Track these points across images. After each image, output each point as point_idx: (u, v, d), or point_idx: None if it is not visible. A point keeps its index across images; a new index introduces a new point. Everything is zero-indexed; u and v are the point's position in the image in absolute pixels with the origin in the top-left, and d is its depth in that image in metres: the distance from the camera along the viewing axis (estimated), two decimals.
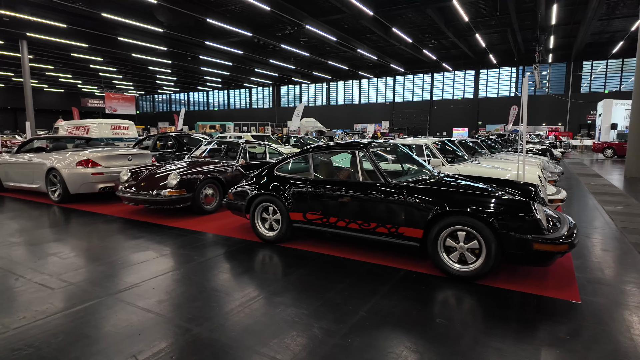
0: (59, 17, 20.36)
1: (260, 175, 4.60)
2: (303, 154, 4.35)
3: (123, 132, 13.12)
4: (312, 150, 4.31)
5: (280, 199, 4.18)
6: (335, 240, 4.43)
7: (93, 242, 4.48)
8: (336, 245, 4.28)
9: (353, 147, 4.06)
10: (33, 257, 3.91)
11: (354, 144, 4.09)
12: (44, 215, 5.89)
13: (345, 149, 4.17)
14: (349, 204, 3.77)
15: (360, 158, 3.95)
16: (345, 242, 4.38)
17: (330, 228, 3.93)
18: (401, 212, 3.47)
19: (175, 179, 5.43)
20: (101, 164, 6.68)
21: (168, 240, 4.54)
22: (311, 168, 4.19)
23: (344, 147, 4.19)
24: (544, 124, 35.32)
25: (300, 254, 4.00)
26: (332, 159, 4.58)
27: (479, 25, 24.43)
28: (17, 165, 7.47)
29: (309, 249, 4.14)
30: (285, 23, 21.84)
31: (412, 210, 3.41)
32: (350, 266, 3.63)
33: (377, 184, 3.67)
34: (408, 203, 3.43)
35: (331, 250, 4.11)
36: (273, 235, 4.33)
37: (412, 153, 5.11)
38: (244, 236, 4.71)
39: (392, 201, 3.51)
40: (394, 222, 3.52)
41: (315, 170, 4.22)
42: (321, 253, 4.01)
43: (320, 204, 3.94)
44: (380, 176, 3.68)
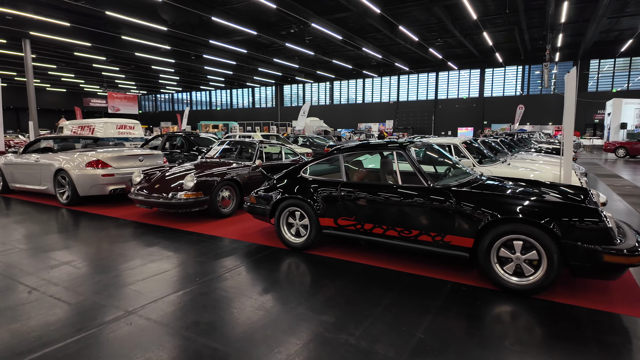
0: (62, 15, 20.12)
1: (285, 177, 4.30)
2: (333, 154, 4.05)
3: (129, 131, 12.85)
4: (343, 150, 4.01)
5: (309, 203, 3.89)
6: (367, 248, 4.14)
7: (107, 249, 4.20)
8: (369, 253, 3.99)
9: (390, 148, 3.76)
10: (45, 266, 3.63)
11: (390, 144, 3.78)
12: (53, 219, 5.62)
13: (380, 150, 3.86)
14: (388, 209, 3.47)
15: (398, 159, 3.64)
16: (379, 250, 4.09)
17: (365, 235, 3.64)
18: (448, 219, 3.17)
19: (192, 181, 5.14)
20: (111, 164, 6.39)
21: (186, 247, 4.26)
22: (342, 170, 3.89)
23: (378, 147, 3.88)
24: (550, 124, 35.01)
25: (332, 262, 3.71)
26: (362, 160, 4.28)
27: (487, 24, 24.14)
28: (24, 166, 7.19)
29: (341, 257, 3.85)
30: (291, 21, 21.58)
31: (461, 217, 3.12)
32: (389, 277, 3.34)
33: (419, 187, 3.38)
34: (456, 209, 3.14)
35: (364, 258, 3.82)
36: (300, 242, 4.04)
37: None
38: (267, 242, 4.42)
39: (438, 207, 3.22)
40: (439, 229, 3.22)
41: (346, 173, 3.92)
42: (355, 262, 3.72)
43: (354, 209, 3.65)
44: (423, 179, 3.39)
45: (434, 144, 4.24)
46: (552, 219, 2.78)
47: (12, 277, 3.35)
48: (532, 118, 35.43)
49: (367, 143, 3.95)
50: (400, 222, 3.41)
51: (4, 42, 24.87)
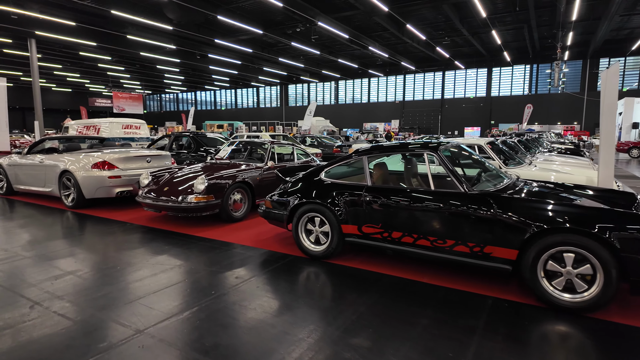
0: (67, 14, 20.02)
1: (302, 180, 4.02)
2: (356, 156, 3.77)
3: (135, 131, 12.64)
4: (367, 151, 3.72)
5: (330, 209, 3.61)
6: (393, 257, 3.86)
7: (114, 257, 3.95)
8: (395, 263, 3.71)
9: (420, 149, 3.46)
10: (49, 276, 3.39)
11: (421, 144, 3.49)
12: (57, 223, 5.39)
13: (409, 151, 3.57)
14: (419, 216, 3.18)
15: (429, 161, 3.35)
16: (405, 259, 3.81)
17: (393, 244, 3.36)
18: (489, 228, 2.89)
19: (202, 184, 4.89)
20: (118, 166, 6.15)
21: (197, 254, 4.01)
22: (367, 173, 3.61)
23: (407, 148, 3.59)
24: (559, 123, 34.54)
25: (357, 274, 3.44)
26: (387, 162, 3.99)
27: (495, 22, 23.77)
28: (28, 167, 6.98)
29: (365, 267, 3.57)
30: (297, 20, 21.34)
31: (503, 226, 2.83)
32: (422, 291, 3.06)
33: (455, 193, 3.09)
34: (498, 217, 2.85)
35: (391, 269, 3.54)
36: (320, 250, 3.77)
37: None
38: (283, 249, 4.16)
39: (477, 215, 2.94)
40: (478, 240, 2.94)
41: (371, 176, 3.64)
42: (381, 273, 3.44)
43: (381, 215, 3.37)
44: (459, 183, 3.10)
45: (463, 145, 3.94)
46: (608, 229, 2.49)
47: (13, 290, 3.11)
48: (540, 118, 34.96)
49: (394, 144, 3.65)
50: (434, 231, 3.12)
51: (10, 41, 24.82)
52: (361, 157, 3.69)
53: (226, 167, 5.68)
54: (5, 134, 17.98)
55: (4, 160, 7.42)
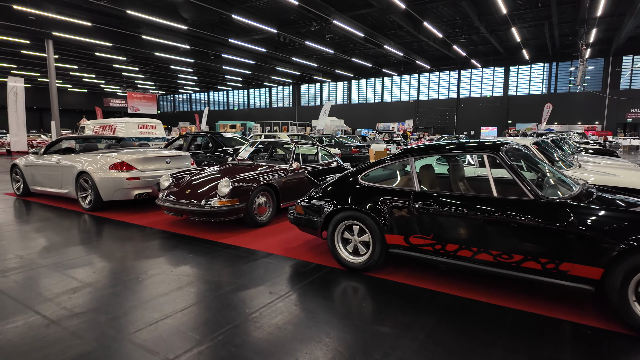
0: (83, 15, 20.13)
1: (339, 184, 3.65)
2: (400, 157, 3.38)
3: (150, 131, 12.48)
4: (416, 152, 3.32)
5: (372, 216, 3.25)
6: (440, 270, 3.49)
7: (134, 266, 3.67)
8: (445, 277, 3.33)
9: (478, 149, 3.06)
10: (66, 289, 3.12)
11: (479, 144, 3.10)
12: (74, 227, 5.15)
13: (466, 151, 3.18)
14: (479, 227, 2.80)
15: (490, 164, 2.95)
16: (456, 273, 3.43)
17: (447, 258, 2.98)
18: (566, 242, 2.49)
19: (227, 187, 4.58)
20: (137, 167, 5.90)
21: (224, 264, 3.70)
22: (414, 176, 3.23)
23: (464, 148, 3.18)
24: (580, 123, 33.54)
25: (404, 290, 3.07)
26: (434, 164, 3.60)
27: (515, 19, 23.11)
28: (45, 168, 6.79)
29: (412, 283, 3.19)
30: (312, 19, 21.05)
31: (585, 240, 2.43)
32: (485, 313, 2.68)
33: (524, 200, 2.70)
34: (578, 230, 2.46)
35: (442, 285, 3.16)
36: (360, 261, 3.40)
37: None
38: (316, 259, 3.81)
39: (551, 226, 2.54)
40: (552, 255, 2.54)
41: (419, 180, 3.26)
42: (432, 290, 3.06)
43: (433, 225, 2.99)
44: (528, 190, 2.71)
45: (527, 146, 3.52)
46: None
47: (28, 305, 2.83)
48: (559, 117, 34.01)
49: (444, 144, 3.26)
50: (497, 244, 2.73)
51: (28, 42, 25.13)
52: (408, 158, 3.31)
53: (249, 168, 5.38)
54: (23, 134, 18.14)
55: (21, 161, 7.27)
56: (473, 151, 3.09)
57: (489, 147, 2.97)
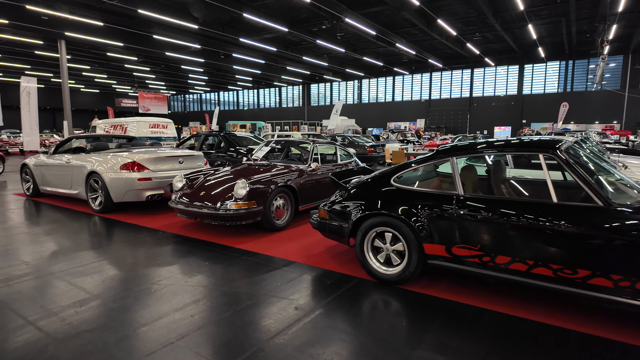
0: (95, 15, 20.18)
1: (368, 187, 3.32)
2: (439, 156, 3.03)
3: (162, 130, 12.32)
4: (458, 151, 2.95)
5: (408, 223, 2.91)
6: (485, 284, 3.14)
7: (147, 275, 3.40)
8: (488, 292, 2.99)
9: (533, 148, 2.68)
10: (73, 301, 2.86)
11: (533, 142, 2.71)
12: (84, 230, 4.93)
13: (517, 151, 2.81)
14: (538, 238, 2.44)
15: (546, 165, 2.57)
16: (501, 288, 3.09)
17: (498, 272, 2.62)
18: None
19: (244, 188, 4.30)
20: (149, 167, 5.66)
21: (243, 273, 3.41)
22: (457, 178, 2.87)
23: (512, 147, 2.80)
24: (597, 122, 32.65)
25: (446, 307, 2.73)
26: (475, 164, 3.25)
27: (531, 16, 22.52)
28: (54, 168, 6.61)
29: (453, 298, 2.85)
30: (323, 17, 20.77)
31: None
32: (546, 336, 2.33)
33: (591, 207, 2.35)
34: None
35: (489, 301, 2.80)
36: (393, 273, 3.07)
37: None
38: (342, 268, 3.50)
39: (628, 238, 2.19)
40: (629, 272, 2.20)
41: (463, 183, 2.92)
42: (477, 307, 2.71)
43: (481, 234, 2.64)
44: (596, 195, 2.35)
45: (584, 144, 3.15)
46: None
47: (30, 319, 2.58)
48: (576, 116, 33.17)
49: (492, 142, 2.88)
50: (559, 258, 2.38)
51: (41, 43, 25.35)
52: (448, 157, 2.96)
53: (266, 169, 5.09)
54: (36, 134, 18.19)
55: (30, 160, 7.10)
56: (525, 150, 2.74)
57: (545, 145, 2.59)
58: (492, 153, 2.83)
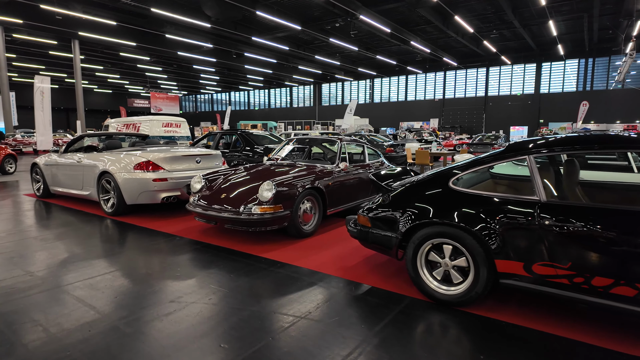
0: (109, 14, 20.13)
1: (419, 190, 2.83)
2: (511, 154, 2.53)
3: (175, 129, 12.02)
4: (534, 148, 2.43)
5: (475, 234, 2.44)
6: (573, 309, 2.64)
7: (165, 292, 3.00)
8: (582, 319, 2.49)
9: (628, 144, 2.21)
10: (80, 322, 2.46)
11: (625, 138, 2.23)
12: (95, 235, 4.57)
13: (618, 148, 2.26)
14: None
15: None
16: (599, 314, 2.59)
17: (595, 297, 2.12)
18: None
19: (270, 190, 3.88)
20: (164, 167, 5.28)
21: (275, 289, 2.97)
22: (537, 182, 2.37)
23: (610, 144, 2.27)
24: (618, 122, 31.61)
25: (529, 337, 2.23)
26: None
27: (552, 12, 21.78)
28: (65, 167, 6.29)
29: (537, 327, 2.35)
30: (337, 14, 20.38)
31: None
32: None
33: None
34: None
35: (582, 331, 2.31)
36: (456, 293, 2.58)
37: None
38: (387, 285, 3.02)
39: None
40: None
41: (544, 186, 2.40)
42: (567, 338, 2.22)
43: (572, 250, 2.16)
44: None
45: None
46: None
47: (28, 348, 2.18)
48: (596, 116, 32.17)
49: (580, 137, 2.37)
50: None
51: (55, 43, 25.45)
52: (524, 156, 2.47)
53: (290, 169, 4.66)
54: (49, 134, 18.14)
55: (41, 160, 6.80)
56: (629, 148, 2.23)
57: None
58: (588, 151, 2.31)
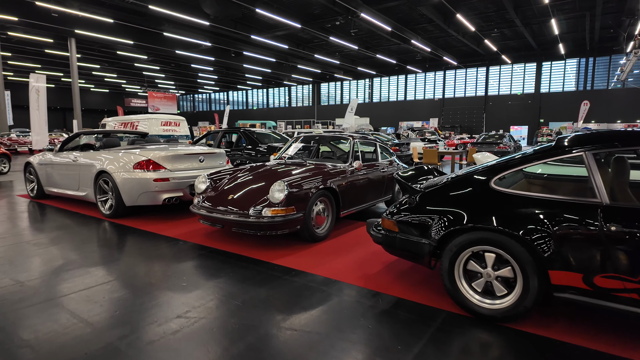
0: (106, 12, 19.75)
1: (454, 190, 2.54)
2: (563, 150, 2.22)
3: (174, 128, 11.70)
4: (591, 143, 2.16)
5: (525, 241, 2.16)
6: (614, 322, 2.39)
7: (169, 304, 2.71)
8: (635, 333, 2.25)
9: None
10: (79, 343, 2.18)
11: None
12: (92, 239, 4.27)
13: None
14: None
15: None
16: None
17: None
18: None
19: (282, 191, 3.58)
20: (166, 166, 4.98)
21: (291, 300, 2.69)
22: (597, 182, 2.09)
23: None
24: (619, 121, 31.55)
25: (586, 357, 1.99)
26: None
27: (554, 10, 21.63)
28: (60, 167, 5.97)
29: (591, 345, 2.09)
30: (337, 12, 20.15)
31: None
32: None
33: None
34: None
35: (636, 349, 2.09)
36: (502, 307, 2.27)
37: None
38: (418, 296, 2.72)
39: None
40: None
41: (608, 187, 2.10)
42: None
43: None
44: None
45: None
46: None
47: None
48: (596, 115, 32.12)
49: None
50: None
51: (51, 41, 25.02)
52: (580, 152, 2.18)
53: (300, 168, 4.37)
54: (45, 133, 17.76)
55: (34, 159, 6.48)
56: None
57: None
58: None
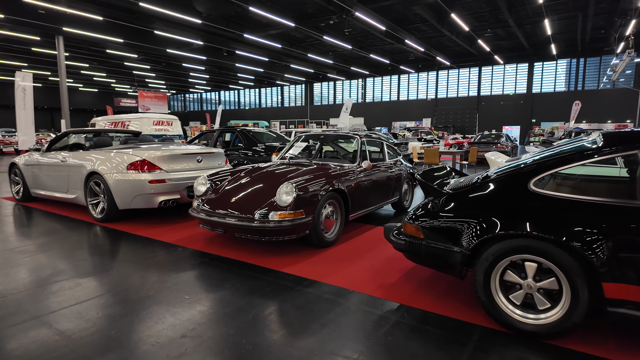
0: (95, 9, 19.23)
1: (483, 194, 2.31)
2: (613, 149, 2.01)
3: (166, 128, 11.34)
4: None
5: (570, 248, 1.96)
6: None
7: (170, 319, 2.45)
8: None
9: None
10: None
11: None
12: (82, 246, 3.97)
13: None
14: None
15: None
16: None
17: None
18: None
19: (289, 194, 3.33)
20: (162, 167, 4.69)
21: (306, 315, 2.45)
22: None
23: None
24: (610, 121, 31.96)
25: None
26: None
27: (548, 10, 21.78)
28: (48, 168, 5.63)
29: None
30: (331, 11, 19.97)
31: None
32: None
33: None
34: None
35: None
36: (547, 322, 2.06)
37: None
38: (445, 309, 2.48)
39: None
40: None
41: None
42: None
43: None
44: None
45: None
46: None
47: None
48: (588, 115, 32.52)
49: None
50: None
51: (38, 39, 24.35)
52: (635, 150, 1.94)
53: (306, 169, 4.13)
54: (32, 133, 17.22)
55: (20, 159, 6.12)
56: None
57: None
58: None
